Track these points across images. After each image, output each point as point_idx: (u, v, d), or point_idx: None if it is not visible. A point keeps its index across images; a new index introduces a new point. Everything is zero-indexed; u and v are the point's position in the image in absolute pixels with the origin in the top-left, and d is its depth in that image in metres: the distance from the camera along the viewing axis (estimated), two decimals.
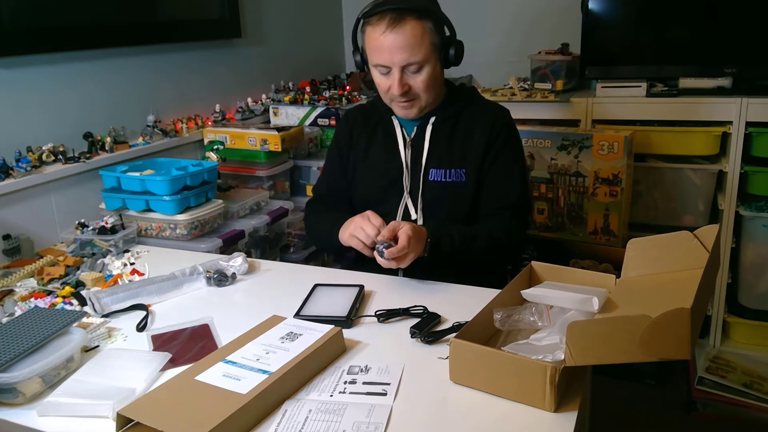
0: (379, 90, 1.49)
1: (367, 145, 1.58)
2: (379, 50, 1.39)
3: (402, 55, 1.37)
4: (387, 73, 1.42)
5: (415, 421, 0.90)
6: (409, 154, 1.52)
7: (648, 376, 2.33)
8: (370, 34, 1.41)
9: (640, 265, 1.16)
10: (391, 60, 1.38)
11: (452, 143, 1.50)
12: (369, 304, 1.28)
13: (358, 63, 1.51)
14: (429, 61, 1.40)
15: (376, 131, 1.58)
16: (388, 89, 1.44)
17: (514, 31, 2.82)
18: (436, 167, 1.49)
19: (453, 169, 1.48)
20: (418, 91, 1.43)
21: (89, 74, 1.85)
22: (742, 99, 2.17)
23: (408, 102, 1.45)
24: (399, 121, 1.54)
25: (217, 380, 0.94)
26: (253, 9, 2.51)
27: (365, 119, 1.61)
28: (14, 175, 1.60)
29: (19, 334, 1.05)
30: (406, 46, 1.36)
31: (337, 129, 1.70)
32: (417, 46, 1.37)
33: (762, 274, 2.30)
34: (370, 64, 1.46)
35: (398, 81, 1.40)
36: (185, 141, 2.12)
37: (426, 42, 1.38)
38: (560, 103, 2.41)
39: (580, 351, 0.88)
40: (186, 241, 1.69)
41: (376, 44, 1.39)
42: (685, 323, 0.81)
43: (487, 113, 1.52)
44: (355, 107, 1.71)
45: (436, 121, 1.51)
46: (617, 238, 2.24)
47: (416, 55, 1.37)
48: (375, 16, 1.38)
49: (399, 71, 1.39)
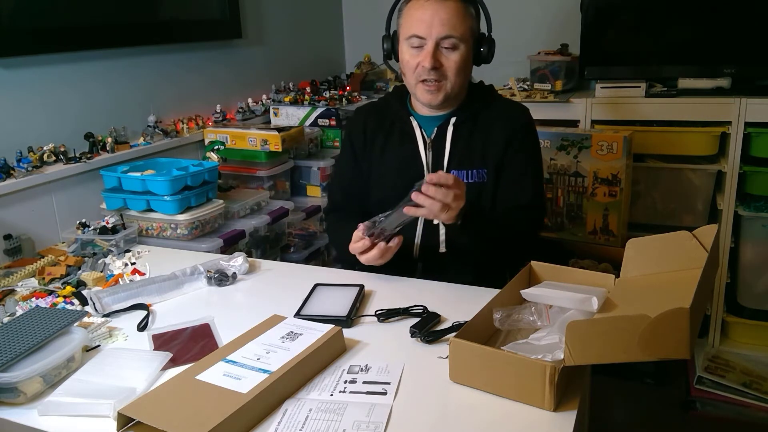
0: (406, 70, 1.42)
1: (383, 145, 1.52)
2: (418, 20, 1.35)
3: (442, 27, 1.34)
4: (420, 46, 1.37)
5: (415, 421, 0.90)
6: (430, 156, 1.48)
7: (647, 375, 2.33)
8: (409, 9, 1.38)
9: (639, 264, 1.16)
10: (429, 30, 1.34)
11: (472, 143, 1.46)
12: (369, 303, 1.28)
13: (387, 50, 1.47)
14: (465, 42, 1.37)
15: (392, 131, 1.52)
16: (416, 66, 1.38)
17: (513, 31, 2.81)
18: (457, 169, 1.45)
19: (475, 170, 1.45)
20: (447, 71, 1.38)
21: (90, 74, 1.86)
22: (741, 99, 2.17)
23: (435, 84, 1.39)
24: (418, 121, 1.49)
25: (217, 380, 0.94)
26: (254, 9, 2.51)
27: (379, 117, 1.55)
28: (15, 175, 1.60)
29: (20, 334, 1.05)
30: (448, 20, 1.33)
31: (348, 127, 1.64)
32: (458, 23, 1.34)
33: (761, 274, 2.30)
34: (402, 39, 1.40)
35: (430, 53, 1.35)
36: (186, 141, 2.12)
37: (467, 23, 1.36)
38: (559, 103, 2.41)
39: (580, 350, 0.88)
40: (187, 241, 1.69)
41: (416, 15, 1.36)
42: (684, 323, 0.81)
43: (507, 112, 1.49)
44: (366, 105, 1.65)
45: (456, 122, 1.46)
46: (616, 238, 2.24)
47: (456, 29, 1.34)
48: None
49: (434, 43, 1.35)
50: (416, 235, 1.47)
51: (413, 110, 1.52)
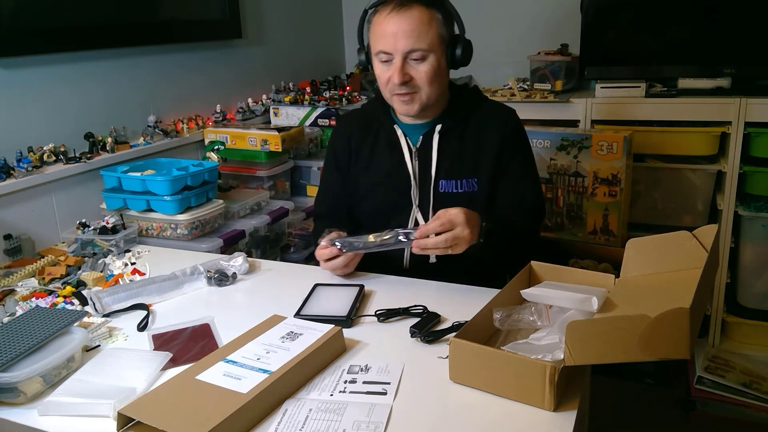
0: (380, 83, 1.39)
1: (370, 156, 1.50)
2: (382, 36, 1.31)
3: (406, 40, 1.29)
4: (388, 61, 1.33)
5: (415, 421, 0.90)
6: (417, 165, 1.44)
7: (647, 375, 2.33)
8: (374, 23, 1.34)
9: (639, 264, 1.16)
10: (394, 46, 1.30)
11: (462, 153, 1.43)
12: (369, 303, 1.28)
13: (363, 62, 1.43)
14: (434, 52, 1.32)
15: (377, 141, 1.49)
16: (387, 81, 1.35)
17: (513, 31, 2.82)
18: (445, 178, 1.42)
19: (464, 180, 1.42)
20: (419, 83, 1.34)
21: (90, 74, 1.86)
22: (741, 99, 2.17)
23: (408, 96, 1.35)
24: (402, 129, 1.47)
25: (217, 380, 0.94)
26: (254, 9, 2.51)
27: (364, 127, 1.52)
28: (15, 175, 1.60)
29: (20, 334, 1.05)
30: (411, 32, 1.28)
31: (332, 139, 1.60)
32: (423, 33, 1.29)
33: (761, 274, 2.30)
34: (373, 55, 1.37)
35: (399, 69, 1.31)
36: (186, 141, 2.12)
37: (433, 31, 1.30)
38: (559, 103, 2.41)
39: (580, 350, 0.88)
40: (187, 241, 1.69)
41: (380, 30, 1.32)
42: (684, 323, 0.81)
43: (495, 117, 1.46)
44: (350, 114, 1.60)
45: (442, 129, 1.43)
46: (616, 238, 2.24)
47: (421, 42, 1.29)
48: (381, 4, 1.33)
49: (401, 58, 1.31)
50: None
51: (397, 118, 1.49)
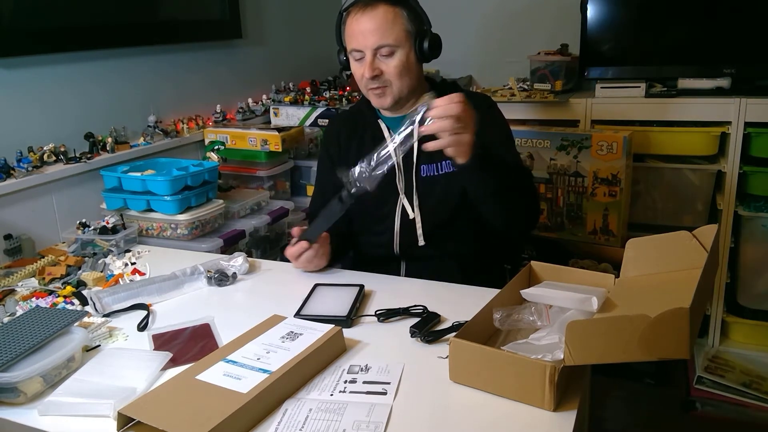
0: (356, 80, 1.49)
1: (357, 152, 1.55)
2: (352, 35, 1.42)
3: (373, 37, 1.39)
4: (361, 59, 1.43)
5: (415, 420, 0.91)
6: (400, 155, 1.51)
7: (647, 375, 2.33)
8: (347, 24, 1.44)
9: (639, 264, 1.16)
10: (364, 43, 1.40)
11: None
12: (369, 303, 1.29)
13: (343, 62, 1.52)
14: (401, 47, 1.41)
15: (364, 138, 1.57)
16: (361, 77, 1.44)
17: (513, 31, 2.82)
18: (426, 163, 1.50)
19: (444, 161, 1.48)
20: (389, 77, 1.42)
21: (90, 75, 1.86)
22: (740, 99, 2.17)
23: (380, 89, 1.44)
24: (386, 123, 1.54)
25: (217, 379, 0.94)
26: (254, 9, 2.51)
27: (352, 126, 1.61)
28: (15, 175, 1.60)
29: (21, 334, 1.05)
30: (377, 29, 1.38)
31: (324, 139, 1.71)
32: (388, 30, 1.39)
33: (761, 274, 2.30)
34: (348, 54, 1.47)
35: (369, 64, 1.40)
36: (186, 141, 2.13)
37: (398, 27, 1.40)
38: (559, 103, 2.41)
39: (580, 350, 0.88)
40: (187, 241, 1.69)
41: (351, 30, 1.42)
42: (684, 323, 0.81)
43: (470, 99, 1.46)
44: (340, 115, 1.69)
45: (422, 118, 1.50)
46: (616, 238, 2.24)
47: (387, 37, 1.39)
48: (351, 6, 1.42)
49: (371, 54, 1.40)
50: (395, 233, 1.52)
51: (381, 114, 1.57)
